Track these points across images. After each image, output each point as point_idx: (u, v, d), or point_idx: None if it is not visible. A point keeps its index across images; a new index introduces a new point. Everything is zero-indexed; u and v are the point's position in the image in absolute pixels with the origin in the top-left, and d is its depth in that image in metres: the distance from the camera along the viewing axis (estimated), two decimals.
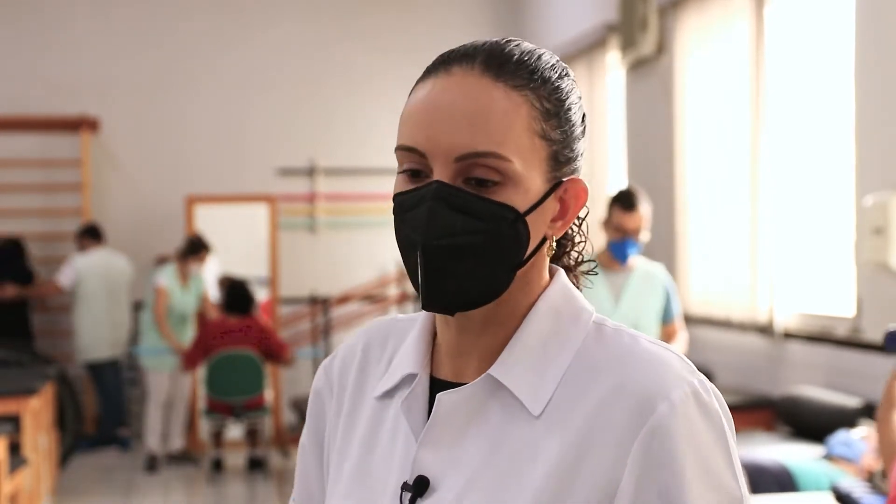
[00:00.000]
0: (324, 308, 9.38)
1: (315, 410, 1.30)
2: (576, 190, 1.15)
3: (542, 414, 1.10)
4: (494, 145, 1.08)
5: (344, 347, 1.31)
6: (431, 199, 1.08)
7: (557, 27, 8.79)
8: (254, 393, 7.78)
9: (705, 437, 1.06)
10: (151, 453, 8.15)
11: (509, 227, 1.09)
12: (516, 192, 1.09)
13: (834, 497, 3.92)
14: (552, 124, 1.12)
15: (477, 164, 1.08)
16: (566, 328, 1.14)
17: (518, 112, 1.09)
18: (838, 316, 5.32)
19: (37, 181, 9.32)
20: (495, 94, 1.09)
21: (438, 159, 1.09)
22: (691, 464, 1.05)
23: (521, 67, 1.11)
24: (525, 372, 1.12)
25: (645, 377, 1.08)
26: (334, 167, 9.73)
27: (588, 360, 1.12)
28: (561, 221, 1.15)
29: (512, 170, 1.08)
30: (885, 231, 4.69)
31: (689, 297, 6.60)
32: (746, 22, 5.89)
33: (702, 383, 1.09)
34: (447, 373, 1.18)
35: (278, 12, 9.68)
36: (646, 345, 1.12)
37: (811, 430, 5.04)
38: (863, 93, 4.99)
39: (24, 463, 5.64)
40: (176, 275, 8.17)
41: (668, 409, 1.06)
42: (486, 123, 1.08)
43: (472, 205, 1.08)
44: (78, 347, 8.66)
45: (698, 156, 6.50)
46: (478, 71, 1.10)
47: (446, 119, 1.09)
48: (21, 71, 9.33)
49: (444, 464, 1.13)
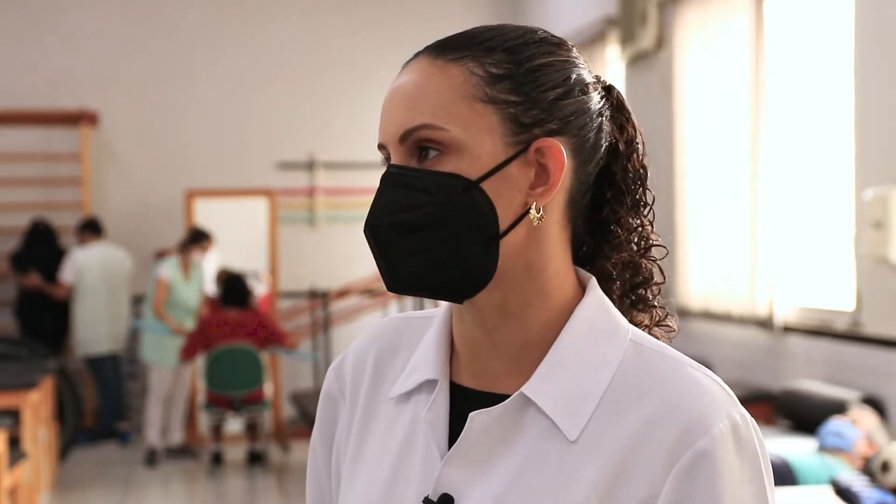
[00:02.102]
0: (323, 302, 9.38)
1: (326, 414, 1.27)
2: (552, 151, 1.09)
3: (578, 439, 1.07)
4: (427, 117, 1.07)
5: (355, 348, 1.27)
6: (382, 181, 1.09)
7: (556, 20, 8.78)
8: (253, 387, 7.78)
9: (740, 475, 1.05)
10: (151, 447, 8.15)
11: (461, 195, 1.06)
12: (461, 159, 1.07)
13: (833, 490, 3.92)
14: (503, 87, 1.09)
15: (415, 139, 1.08)
16: (603, 346, 1.10)
17: (452, 82, 1.08)
18: (838, 310, 5.32)
19: (36, 175, 9.31)
20: (430, 70, 1.10)
21: (391, 145, 1.10)
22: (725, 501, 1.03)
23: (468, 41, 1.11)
24: (561, 393, 1.08)
25: (688, 405, 1.05)
26: (334, 161, 9.72)
27: (629, 383, 1.08)
28: (542, 188, 1.09)
29: (450, 137, 1.07)
30: (884, 225, 4.69)
31: (688, 292, 6.60)
32: (746, 16, 5.89)
33: (742, 417, 1.07)
34: (467, 377, 1.15)
35: (278, 6, 9.67)
36: (690, 371, 1.09)
37: (811, 423, 5.04)
38: (862, 86, 4.99)
39: (24, 457, 5.64)
40: (178, 267, 8.17)
41: (709, 443, 1.04)
42: (419, 99, 1.09)
43: (417, 180, 1.07)
44: (77, 341, 8.66)
45: (698, 150, 6.50)
46: (424, 55, 1.12)
47: (392, 105, 1.11)
48: (20, 65, 9.32)
49: (470, 482, 1.09)
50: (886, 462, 4.02)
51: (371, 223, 1.09)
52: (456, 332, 1.16)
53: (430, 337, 1.18)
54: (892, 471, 3.97)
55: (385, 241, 1.08)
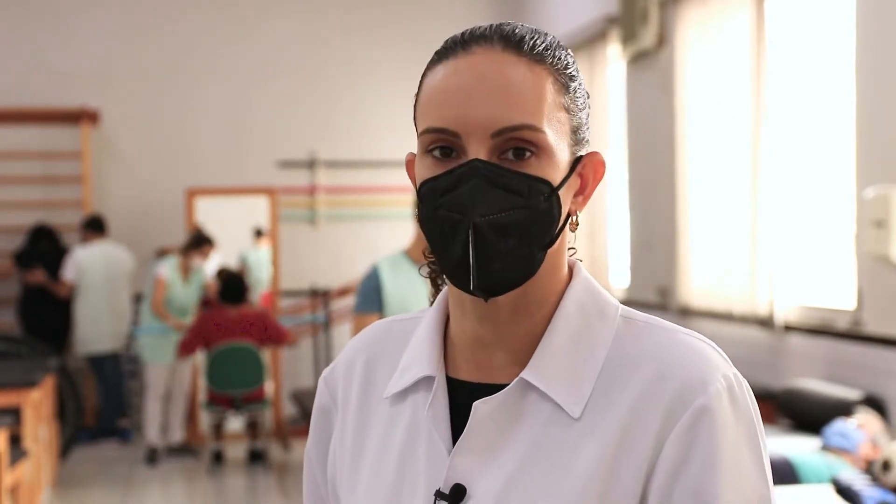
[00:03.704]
0: (324, 300, 9.38)
1: (320, 427, 1.27)
2: (594, 163, 1.14)
3: (581, 416, 1.09)
4: (529, 117, 1.07)
5: (344, 355, 1.27)
6: (475, 177, 1.05)
7: (558, 19, 8.78)
8: (254, 385, 7.79)
9: (736, 432, 1.07)
10: (152, 446, 8.15)
11: (545, 201, 1.08)
12: (549, 164, 1.08)
13: (834, 489, 3.92)
14: (570, 97, 1.11)
15: (513, 137, 1.07)
16: (595, 325, 1.13)
17: (544, 84, 1.09)
18: (839, 309, 5.32)
19: (37, 173, 9.31)
20: (521, 68, 1.08)
21: (474, 137, 1.06)
22: (724, 460, 1.06)
23: (538, 44, 1.11)
24: (560, 374, 1.10)
25: (683, 369, 1.08)
26: (335, 159, 9.72)
27: (623, 357, 1.11)
28: (581, 196, 1.14)
29: (546, 142, 1.07)
30: (885, 223, 4.69)
31: (689, 290, 6.60)
32: (747, 14, 5.89)
33: (736, 377, 1.10)
34: (465, 371, 1.16)
35: (279, 4, 9.66)
36: (682, 337, 1.12)
37: (812, 422, 5.04)
38: (863, 85, 4.99)
39: (25, 455, 5.64)
40: (177, 267, 8.17)
41: (706, 401, 1.06)
42: (518, 96, 1.07)
43: (513, 180, 1.06)
44: (78, 339, 8.67)
45: (699, 148, 6.50)
46: (499, 48, 1.09)
47: (478, 96, 1.07)
48: (21, 63, 9.32)
49: (480, 470, 1.10)
50: (887, 461, 4.02)
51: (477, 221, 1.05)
52: (454, 328, 1.17)
53: (422, 335, 1.19)
54: (892, 470, 3.97)
55: (485, 240, 1.06)
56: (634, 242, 7.50)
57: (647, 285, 7.25)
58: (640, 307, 7.10)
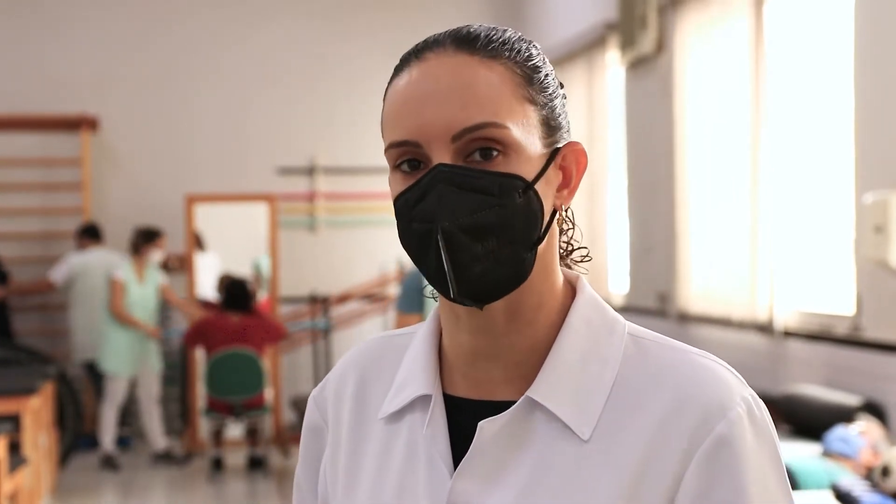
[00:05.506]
0: (323, 307, 9.38)
1: (310, 447, 1.24)
2: (575, 154, 1.11)
3: (591, 438, 1.05)
4: (489, 114, 1.03)
5: (334, 374, 1.23)
6: (438, 182, 1.02)
7: (557, 26, 8.79)
8: (254, 392, 7.79)
9: (759, 456, 1.06)
10: (107, 454, 8.14)
11: (521, 198, 1.04)
12: (519, 160, 1.04)
13: (834, 495, 3.92)
14: (535, 88, 1.08)
15: (475, 138, 1.03)
16: (603, 342, 1.09)
17: (502, 79, 1.05)
18: (838, 314, 5.31)
19: (36, 180, 9.31)
20: (474, 66, 1.05)
21: (435, 143, 1.04)
22: (751, 484, 1.04)
23: (491, 40, 1.08)
24: (568, 393, 1.06)
25: (701, 394, 1.05)
26: (334, 166, 9.72)
27: (635, 378, 1.07)
28: (566, 190, 1.11)
29: (511, 137, 1.04)
30: (885, 229, 4.69)
31: (689, 295, 6.60)
32: (746, 19, 5.89)
33: (753, 398, 1.08)
34: (463, 388, 1.12)
35: (278, 11, 9.67)
36: (696, 359, 1.09)
37: (811, 428, 5.03)
38: (863, 90, 4.99)
39: (24, 462, 5.64)
40: (132, 268, 8.19)
41: (728, 427, 1.04)
42: (474, 95, 1.04)
43: (480, 180, 1.03)
44: (76, 346, 8.65)
45: (698, 154, 6.50)
46: (451, 50, 1.07)
47: (434, 101, 1.04)
48: (21, 69, 9.32)
49: (483, 493, 1.06)
50: (887, 467, 4.02)
51: (444, 226, 1.02)
52: (449, 343, 1.13)
53: (416, 352, 1.16)
54: (892, 475, 3.97)
55: (456, 244, 1.02)
56: (634, 248, 7.50)
57: (646, 291, 7.25)
58: (639, 312, 7.13)
